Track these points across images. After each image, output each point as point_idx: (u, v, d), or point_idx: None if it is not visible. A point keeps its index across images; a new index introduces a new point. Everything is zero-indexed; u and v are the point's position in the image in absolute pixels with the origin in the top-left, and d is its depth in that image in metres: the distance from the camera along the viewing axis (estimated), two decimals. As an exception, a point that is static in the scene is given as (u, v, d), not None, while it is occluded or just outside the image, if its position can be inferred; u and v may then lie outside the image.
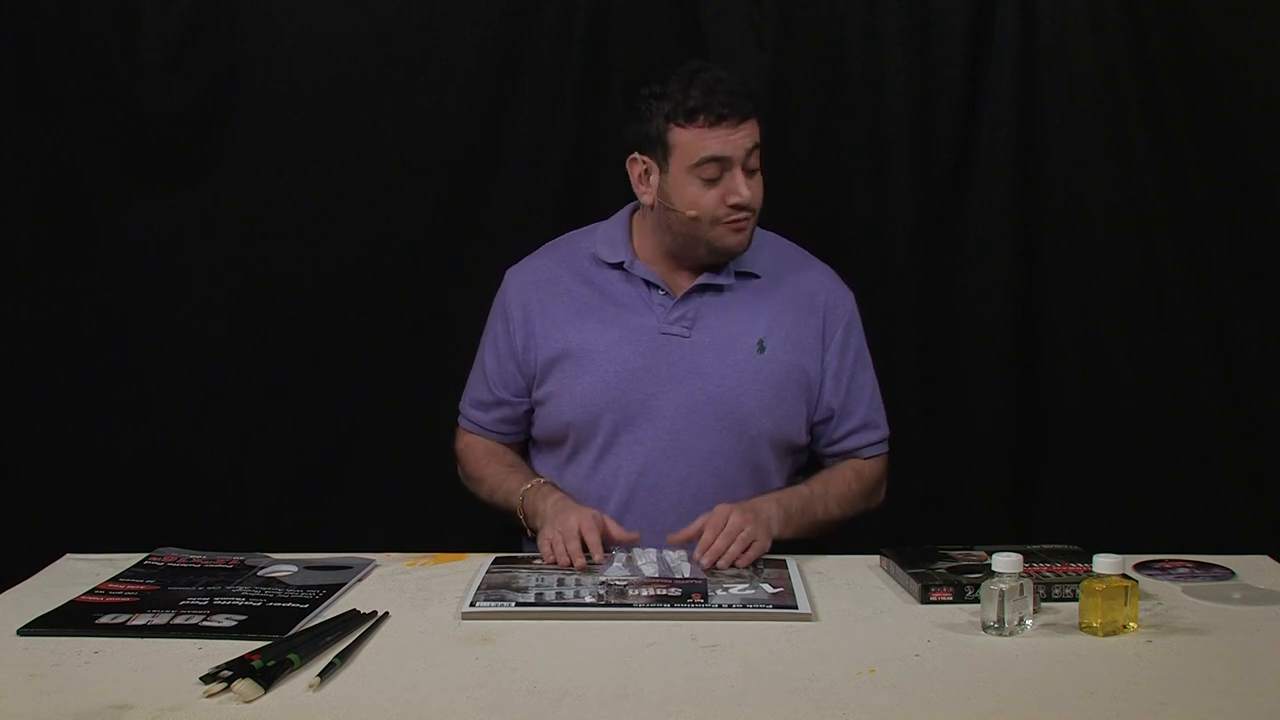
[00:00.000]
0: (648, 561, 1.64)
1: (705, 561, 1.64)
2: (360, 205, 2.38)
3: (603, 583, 1.57)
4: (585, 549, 1.67)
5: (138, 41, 2.33)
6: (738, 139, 1.76)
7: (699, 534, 1.68)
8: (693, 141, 1.76)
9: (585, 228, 1.98)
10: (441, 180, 2.39)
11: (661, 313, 1.85)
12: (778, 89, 2.35)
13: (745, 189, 1.76)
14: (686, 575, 1.60)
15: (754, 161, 1.79)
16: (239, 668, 1.27)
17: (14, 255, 2.38)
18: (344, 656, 1.34)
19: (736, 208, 1.77)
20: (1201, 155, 2.30)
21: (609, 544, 1.71)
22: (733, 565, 1.64)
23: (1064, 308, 2.38)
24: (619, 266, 1.87)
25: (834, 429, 1.91)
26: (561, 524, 1.70)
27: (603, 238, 1.91)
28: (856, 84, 2.35)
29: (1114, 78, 2.30)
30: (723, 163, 1.76)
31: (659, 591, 1.53)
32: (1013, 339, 2.39)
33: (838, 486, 1.89)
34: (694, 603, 1.50)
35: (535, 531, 1.78)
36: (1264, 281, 2.31)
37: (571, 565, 1.64)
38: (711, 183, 1.77)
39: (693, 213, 1.78)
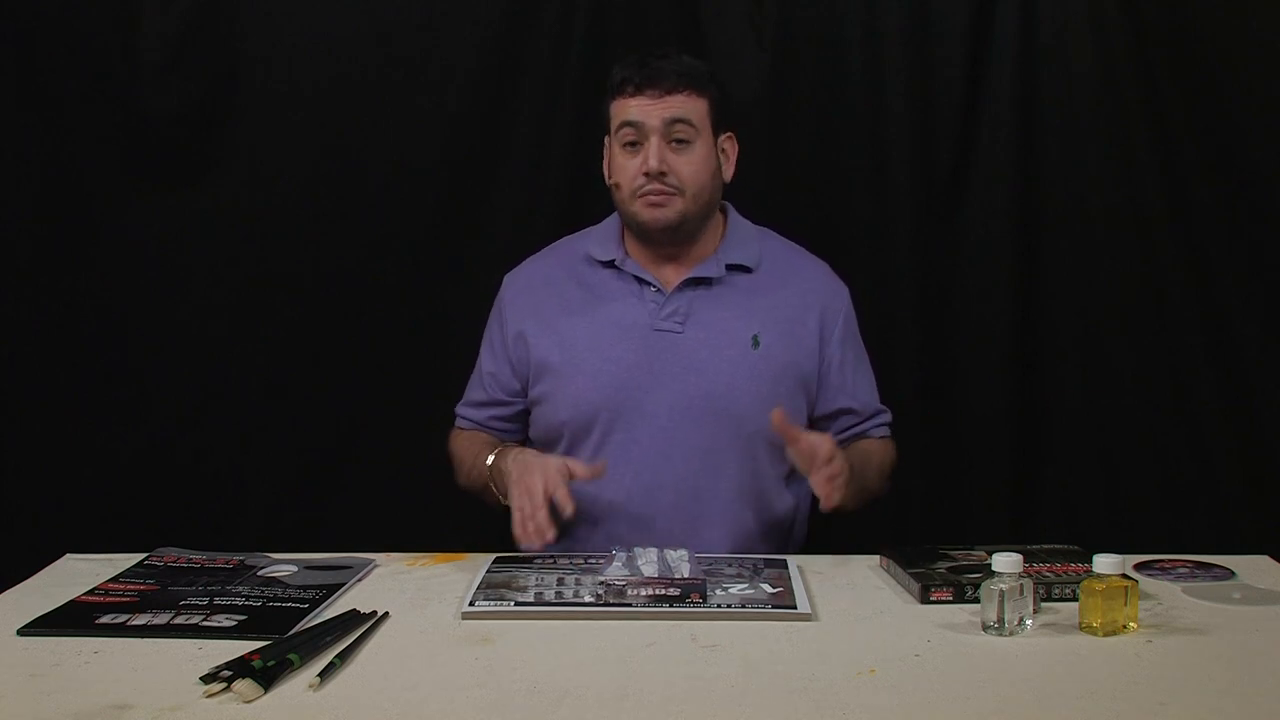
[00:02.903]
0: (648, 561, 1.64)
1: (836, 465, 1.65)
2: (360, 205, 2.38)
3: (602, 582, 1.57)
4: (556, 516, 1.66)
5: (138, 41, 2.33)
6: (655, 108, 1.78)
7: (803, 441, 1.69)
8: (617, 110, 1.81)
9: (581, 231, 1.98)
10: (441, 180, 2.38)
11: (654, 309, 1.85)
12: (778, 89, 2.35)
13: (654, 157, 1.77)
14: (686, 575, 1.60)
15: (681, 134, 1.79)
16: (239, 668, 1.27)
17: (14, 255, 2.38)
18: (344, 656, 1.34)
19: (646, 175, 1.78)
20: (1201, 155, 2.29)
21: (608, 544, 1.71)
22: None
23: (1064, 308, 2.38)
24: (611, 264, 1.88)
25: (853, 421, 1.93)
26: (527, 487, 1.67)
27: (596, 238, 1.92)
28: (856, 84, 2.35)
29: (1114, 78, 2.30)
30: (638, 129, 1.79)
31: (658, 591, 1.53)
32: (1013, 339, 2.39)
33: (877, 458, 1.90)
34: (693, 603, 1.50)
35: (506, 499, 1.76)
36: (1264, 281, 2.31)
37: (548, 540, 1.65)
38: (631, 150, 1.80)
39: (615, 180, 1.82)
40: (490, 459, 1.84)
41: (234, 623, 1.44)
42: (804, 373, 1.88)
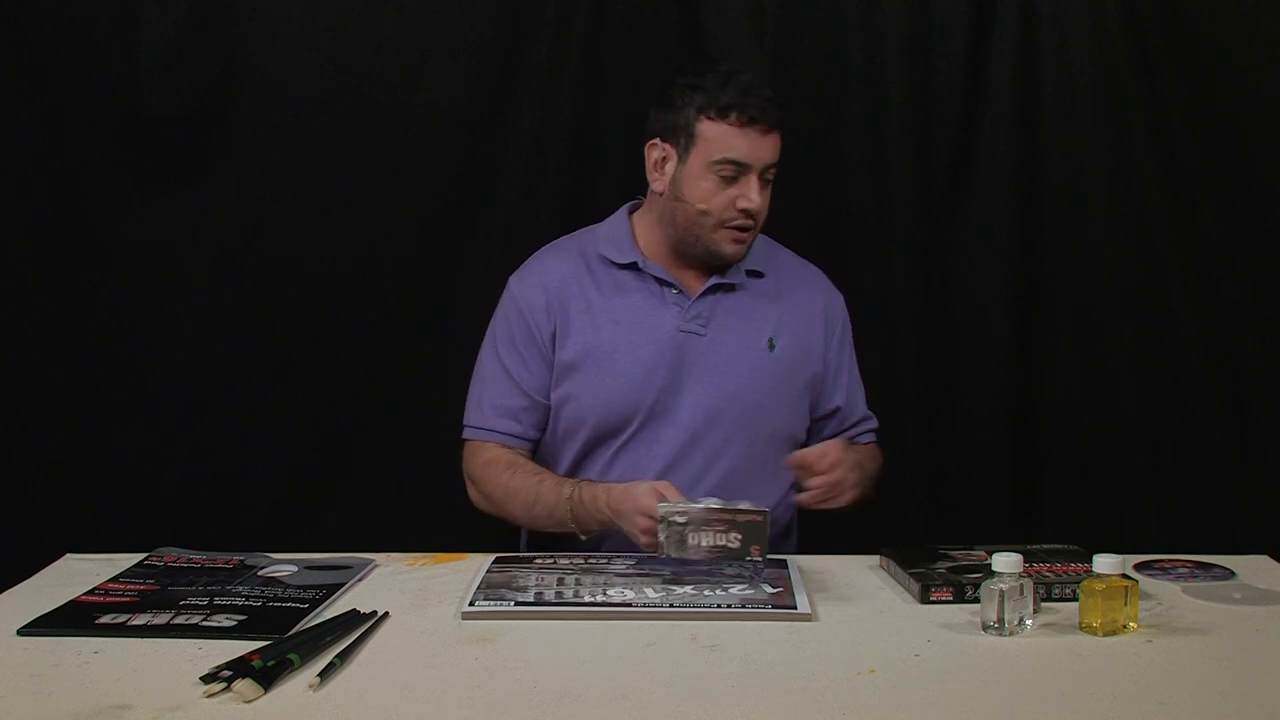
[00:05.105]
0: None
1: (815, 481, 1.71)
2: (359, 205, 2.38)
3: (589, 572, 1.59)
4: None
5: (138, 41, 2.33)
6: (762, 147, 1.78)
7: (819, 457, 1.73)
8: (719, 138, 1.78)
9: (580, 231, 1.98)
10: (441, 180, 2.38)
11: (678, 311, 1.86)
12: (778, 89, 2.34)
13: (756, 196, 1.78)
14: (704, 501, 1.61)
15: (770, 174, 1.82)
16: (239, 668, 1.27)
17: (14, 255, 2.37)
18: (344, 656, 1.34)
19: (744, 213, 1.78)
20: (1202, 155, 2.30)
21: (625, 543, 1.72)
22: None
23: (1064, 308, 2.38)
24: (631, 267, 1.88)
25: (840, 423, 1.96)
26: (639, 510, 1.65)
27: (605, 239, 1.91)
28: (856, 84, 2.35)
29: (1114, 78, 2.30)
30: (741, 167, 1.78)
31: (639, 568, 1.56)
32: (1013, 339, 2.39)
33: (869, 464, 1.92)
34: (686, 597, 1.50)
35: (588, 532, 1.77)
36: (1264, 282, 2.31)
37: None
38: (726, 182, 1.79)
39: (702, 207, 1.80)
40: (568, 496, 1.78)
41: (234, 623, 1.44)
42: (812, 375, 1.92)
